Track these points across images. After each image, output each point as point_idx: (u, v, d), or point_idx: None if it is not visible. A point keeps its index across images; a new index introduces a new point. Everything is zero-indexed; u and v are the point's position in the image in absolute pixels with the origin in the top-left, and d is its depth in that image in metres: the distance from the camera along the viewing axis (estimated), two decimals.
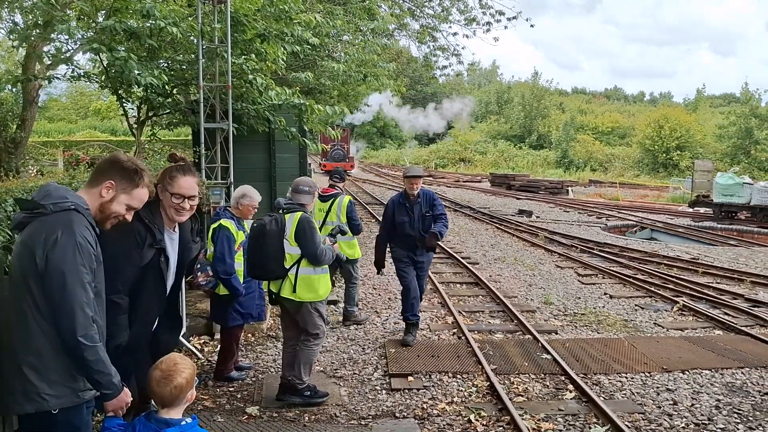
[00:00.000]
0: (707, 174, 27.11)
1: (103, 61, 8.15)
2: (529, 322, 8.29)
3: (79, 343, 2.52)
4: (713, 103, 79.93)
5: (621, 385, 6.18)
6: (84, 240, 2.60)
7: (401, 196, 7.44)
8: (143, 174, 2.89)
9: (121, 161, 2.86)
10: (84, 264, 2.58)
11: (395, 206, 7.40)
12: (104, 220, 2.84)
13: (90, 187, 2.83)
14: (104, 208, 2.82)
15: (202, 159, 8.45)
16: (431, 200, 7.40)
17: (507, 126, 68.71)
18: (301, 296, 5.42)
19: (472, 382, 6.18)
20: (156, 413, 2.61)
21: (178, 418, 2.60)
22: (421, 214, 7.28)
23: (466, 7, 21.47)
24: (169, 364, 2.60)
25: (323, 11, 12.33)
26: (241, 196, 5.90)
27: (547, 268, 12.42)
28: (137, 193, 2.88)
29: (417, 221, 7.26)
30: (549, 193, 33.62)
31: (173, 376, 2.56)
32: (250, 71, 8.21)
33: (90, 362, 2.56)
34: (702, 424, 5.34)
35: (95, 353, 2.56)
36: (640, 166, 51.94)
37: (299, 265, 5.42)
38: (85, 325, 2.54)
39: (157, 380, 2.56)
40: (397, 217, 7.34)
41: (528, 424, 5.18)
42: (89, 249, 2.61)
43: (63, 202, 2.63)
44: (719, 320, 8.57)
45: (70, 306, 2.51)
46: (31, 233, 2.59)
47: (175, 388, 2.55)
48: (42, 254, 2.52)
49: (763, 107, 46.46)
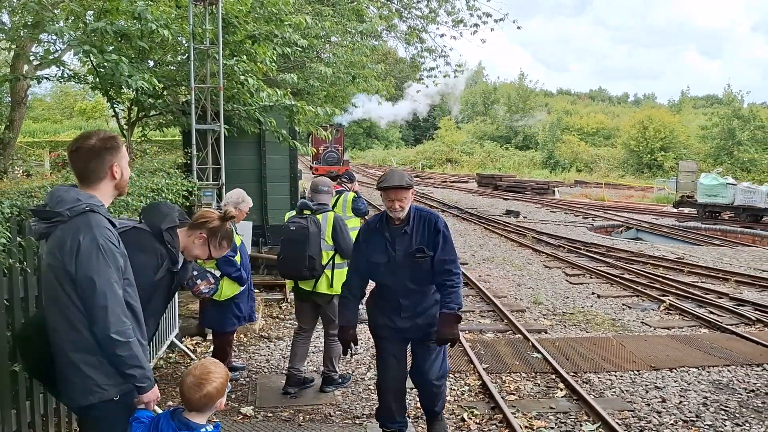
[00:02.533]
0: (691, 175, 27.42)
1: (92, 62, 8.15)
2: (519, 321, 8.39)
3: (112, 339, 2.58)
4: (697, 105, 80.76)
5: (610, 383, 6.28)
6: (105, 240, 2.64)
7: (380, 220, 4.42)
8: (116, 137, 2.92)
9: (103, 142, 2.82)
10: (110, 264, 2.62)
11: (368, 234, 4.46)
12: (122, 193, 2.98)
13: (94, 183, 2.81)
14: (121, 185, 2.90)
15: (194, 160, 8.46)
16: (433, 229, 4.30)
17: (493, 127, 69.03)
18: (337, 290, 5.61)
19: (464, 381, 6.25)
20: (182, 412, 2.64)
21: (201, 423, 2.63)
22: (410, 252, 4.25)
23: (454, 9, 21.61)
24: (203, 370, 2.63)
25: (312, 12, 12.38)
26: (241, 201, 5.89)
27: (535, 268, 12.54)
28: (124, 151, 2.93)
29: (402, 265, 4.28)
30: (535, 194, 33.83)
31: (204, 384, 2.59)
32: (241, 72, 8.24)
33: (124, 357, 2.62)
34: (690, 421, 5.44)
35: (129, 348, 2.62)
36: (624, 166, 52.38)
37: (334, 261, 5.75)
38: (117, 322, 2.60)
39: (189, 385, 2.60)
40: (370, 254, 4.41)
41: (520, 422, 5.25)
42: (112, 248, 2.66)
43: (77, 205, 2.65)
44: (705, 319, 8.71)
45: (102, 306, 2.57)
46: (56, 242, 2.64)
47: (205, 396, 2.59)
48: (70, 261, 2.59)
49: (745, 108, 46.98)
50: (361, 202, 8.30)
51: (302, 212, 5.84)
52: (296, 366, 5.92)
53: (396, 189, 4.14)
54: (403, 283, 4.32)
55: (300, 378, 5.96)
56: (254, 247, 9.17)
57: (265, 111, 9.00)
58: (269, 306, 8.95)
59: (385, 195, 4.18)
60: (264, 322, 8.33)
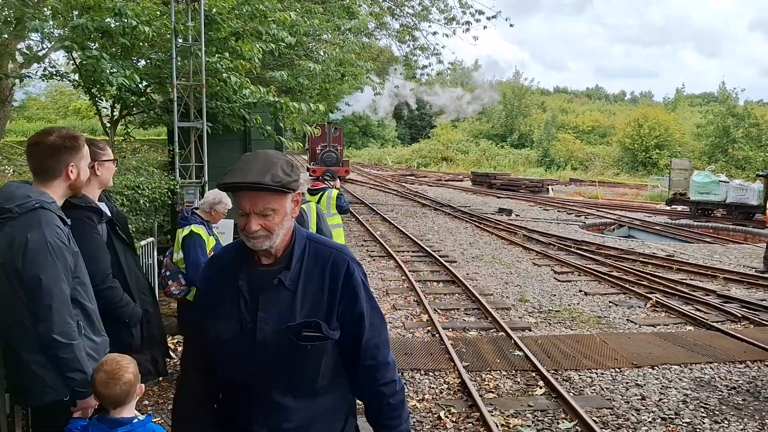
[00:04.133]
0: (684, 172, 27.41)
1: (75, 60, 8.10)
2: (504, 319, 8.36)
3: (54, 340, 2.53)
4: (693, 103, 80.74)
5: (591, 381, 6.25)
6: (54, 238, 2.59)
7: (235, 252, 2.10)
8: (78, 137, 2.86)
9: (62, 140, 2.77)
10: (57, 263, 2.57)
11: (213, 283, 2.10)
12: (77, 195, 2.90)
13: (48, 180, 2.76)
14: (76, 186, 2.83)
15: (176, 158, 8.41)
16: (341, 283, 2.01)
17: (489, 125, 69.01)
18: None
19: (443, 380, 6.21)
20: (108, 414, 2.60)
21: (130, 416, 2.59)
22: (288, 328, 1.93)
23: (446, 7, 21.58)
24: (112, 364, 2.57)
25: (301, 10, 12.32)
26: (218, 202, 5.79)
27: (524, 266, 12.51)
28: (86, 152, 2.87)
29: (268, 350, 1.95)
30: (529, 192, 33.82)
31: (119, 375, 2.54)
32: (224, 70, 8.18)
33: (65, 360, 2.57)
34: (668, 419, 5.41)
35: (71, 351, 2.57)
36: (620, 164, 52.39)
37: None
38: (61, 323, 2.55)
39: (103, 382, 2.53)
40: (211, 322, 2.02)
41: (497, 420, 5.23)
42: (61, 246, 2.61)
43: (27, 201, 2.61)
44: (691, 316, 8.69)
45: (46, 306, 2.53)
46: (4, 239, 2.59)
47: (124, 384, 2.54)
48: (17, 259, 2.54)
49: (740, 106, 47.02)
50: (344, 199, 8.30)
51: None
52: None
53: (251, 191, 1.90)
54: (265, 388, 2.00)
55: None
56: None
57: (250, 108, 8.95)
58: None
59: (237, 203, 1.96)
60: None
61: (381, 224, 18.43)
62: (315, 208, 6.44)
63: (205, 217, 5.81)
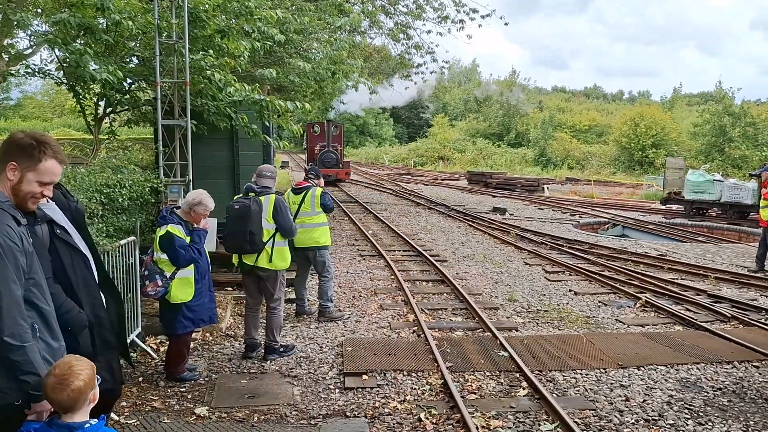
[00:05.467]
0: (679, 171, 27.34)
1: (59, 57, 8.03)
2: (491, 319, 8.28)
3: (5, 343, 2.46)
4: (690, 102, 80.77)
5: (575, 382, 6.18)
6: (4, 237, 2.50)
7: None
8: (46, 146, 2.73)
9: (17, 138, 2.71)
10: (7, 263, 2.49)
11: None
12: (23, 203, 2.75)
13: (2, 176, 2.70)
14: (16, 191, 2.72)
15: (160, 156, 8.33)
16: None
17: (486, 124, 68.98)
18: (276, 265, 6.56)
19: (426, 380, 6.14)
20: (58, 418, 2.52)
21: (81, 421, 2.51)
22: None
23: (440, 5, 21.49)
24: (64, 368, 2.50)
25: (292, 8, 12.24)
26: (197, 204, 5.75)
27: (515, 266, 12.44)
28: (43, 167, 2.74)
29: None
30: (525, 191, 33.75)
31: (69, 380, 2.46)
32: (208, 67, 8.11)
33: (18, 362, 2.50)
34: (652, 420, 5.34)
35: (23, 353, 2.50)
36: (616, 163, 52.39)
37: (275, 239, 6.53)
38: (12, 325, 2.47)
39: (52, 386, 2.46)
40: None
41: (478, 422, 5.15)
42: (11, 245, 2.52)
43: None
44: (680, 316, 8.62)
45: None
46: None
47: (73, 391, 2.46)
48: None
49: (736, 105, 46.98)
50: (329, 197, 8.23)
51: (247, 194, 6.55)
52: (251, 335, 6.80)
53: None
54: None
55: (255, 344, 6.81)
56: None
57: (236, 106, 8.88)
58: (240, 304, 8.80)
59: None
60: (232, 320, 8.21)
61: (374, 223, 18.35)
62: (273, 201, 6.56)
63: (184, 217, 5.77)
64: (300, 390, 5.94)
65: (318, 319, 8.24)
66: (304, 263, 8.40)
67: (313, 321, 8.23)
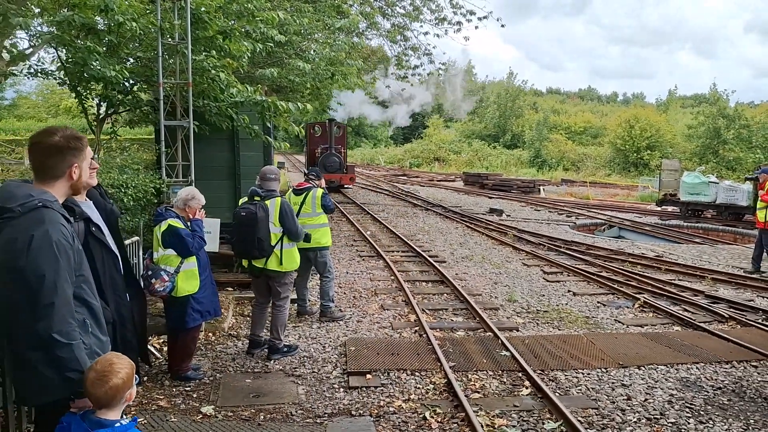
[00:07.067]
0: (674, 173, 27.49)
1: (61, 57, 8.05)
2: (491, 319, 8.34)
3: (53, 339, 2.50)
4: (684, 104, 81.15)
5: (577, 381, 6.24)
6: (60, 236, 2.57)
7: None
8: (80, 135, 2.85)
9: (65, 143, 2.75)
10: (61, 261, 2.55)
11: None
12: (78, 191, 2.91)
13: (50, 179, 2.75)
14: (77, 186, 2.85)
15: (162, 157, 8.36)
16: None
17: (481, 125, 69.11)
18: (286, 267, 6.64)
19: (429, 380, 6.19)
20: (92, 413, 2.56)
21: (113, 419, 2.55)
22: None
23: (437, 7, 21.58)
24: (104, 364, 2.54)
25: (291, 9, 12.28)
26: (191, 198, 5.89)
27: (513, 266, 12.50)
28: (87, 152, 2.88)
29: None
30: (521, 192, 33.84)
31: (108, 377, 2.50)
32: (211, 68, 8.14)
33: (64, 359, 2.54)
34: (654, 419, 5.40)
35: (70, 351, 2.54)
36: (611, 165, 52.59)
37: (282, 242, 6.57)
38: (61, 322, 2.52)
39: (91, 381, 2.50)
40: None
41: (482, 421, 5.20)
42: (66, 244, 2.59)
43: (29, 201, 2.58)
44: (678, 316, 8.69)
45: (47, 304, 2.50)
46: (6, 238, 2.56)
47: (111, 389, 2.50)
48: (21, 257, 2.50)
49: (731, 108, 47.24)
50: (330, 198, 8.28)
51: (252, 198, 6.54)
52: (256, 332, 6.92)
53: None
54: None
55: (260, 341, 6.91)
56: (226, 244, 9.07)
57: (237, 107, 8.91)
58: (241, 304, 8.86)
59: None
60: (234, 320, 8.24)
61: (372, 224, 18.39)
62: (279, 204, 6.57)
63: (180, 213, 5.84)
64: (304, 389, 5.98)
65: (320, 319, 8.29)
66: (306, 264, 8.44)
67: (314, 321, 8.27)
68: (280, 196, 6.74)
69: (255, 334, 6.94)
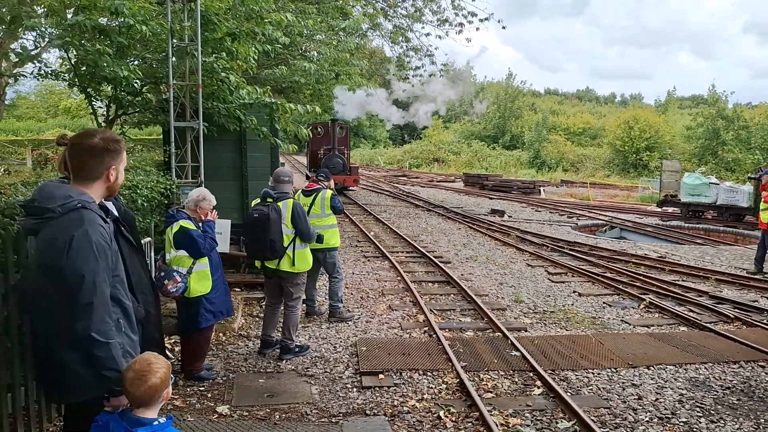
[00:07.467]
0: (675, 174, 27.56)
1: (71, 59, 8.08)
2: (499, 319, 8.39)
3: (92, 338, 2.55)
4: (683, 105, 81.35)
5: (588, 381, 6.29)
6: (98, 236, 2.62)
7: None
8: (117, 137, 2.91)
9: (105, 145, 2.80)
10: (100, 262, 2.60)
11: None
12: (113, 192, 2.96)
13: (89, 180, 2.80)
14: (114, 188, 2.90)
15: (172, 158, 8.40)
16: None
17: (481, 126, 69.19)
18: (299, 268, 6.71)
19: (442, 380, 6.24)
20: (130, 411, 2.61)
21: (151, 417, 2.60)
22: None
23: (439, 9, 21.67)
24: (143, 364, 2.59)
25: (296, 10, 12.33)
26: (202, 199, 5.91)
27: (518, 267, 12.56)
28: (124, 155, 2.93)
29: None
30: (521, 193, 33.92)
31: (147, 376, 2.55)
32: (221, 70, 8.18)
33: (101, 358, 2.58)
34: (665, 418, 5.46)
35: (107, 350, 2.58)
36: (610, 166, 52.70)
37: (294, 243, 6.62)
38: (99, 322, 2.57)
39: (130, 381, 2.55)
40: None
41: (496, 420, 5.25)
42: (104, 245, 2.64)
43: (69, 201, 2.63)
44: (684, 317, 8.75)
45: (86, 304, 2.54)
46: (46, 238, 2.61)
47: (149, 388, 2.54)
48: (60, 257, 2.55)
49: (729, 109, 47.38)
50: (338, 199, 8.32)
51: (265, 200, 6.61)
52: (268, 333, 6.98)
53: None
54: None
55: (272, 342, 6.96)
56: (235, 245, 9.11)
57: (246, 108, 8.95)
58: (249, 305, 8.90)
59: None
60: (243, 321, 8.28)
61: (375, 225, 18.44)
62: (291, 206, 6.63)
63: (191, 215, 5.88)
64: (318, 389, 6.02)
65: (329, 320, 8.33)
66: (315, 264, 8.48)
67: (323, 321, 8.32)
68: (290, 197, 6.79)
69: (267, 335, 6.99)
